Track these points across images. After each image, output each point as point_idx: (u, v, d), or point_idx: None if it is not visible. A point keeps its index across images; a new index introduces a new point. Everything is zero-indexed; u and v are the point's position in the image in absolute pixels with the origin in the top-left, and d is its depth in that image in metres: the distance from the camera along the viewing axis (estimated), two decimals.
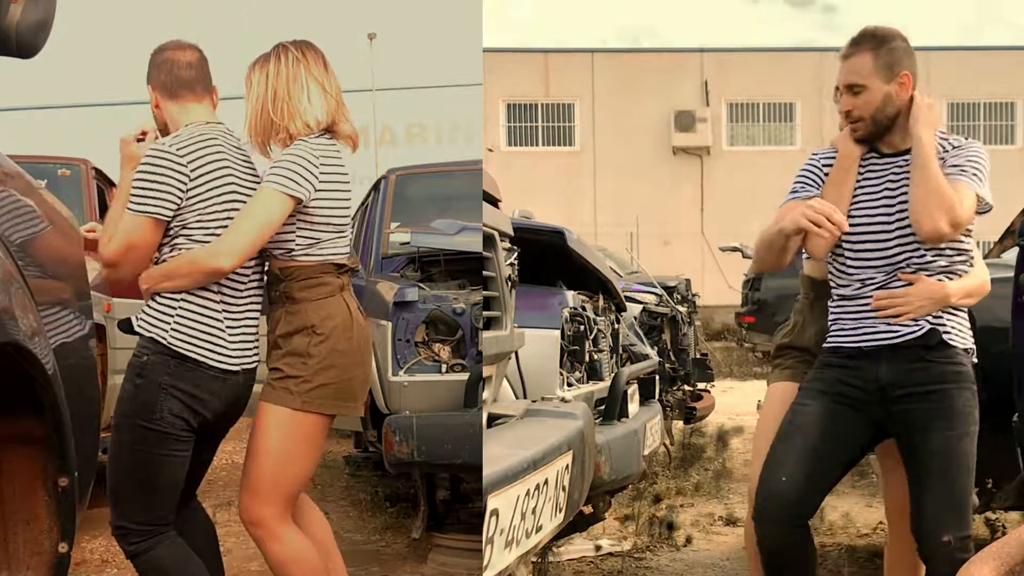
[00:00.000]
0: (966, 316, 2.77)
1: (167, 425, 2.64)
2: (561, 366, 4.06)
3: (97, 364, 2.60)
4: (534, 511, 2.49)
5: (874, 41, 2.73)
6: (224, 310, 2.74)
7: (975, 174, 2.70)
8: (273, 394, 2.75)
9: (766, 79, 23.68)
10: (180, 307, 2.68)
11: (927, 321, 2.69)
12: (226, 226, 2.71)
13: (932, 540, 2.62)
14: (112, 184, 6.63)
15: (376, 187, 5.63)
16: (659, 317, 7.03)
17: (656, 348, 6.39)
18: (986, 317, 3.63)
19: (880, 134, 2.77)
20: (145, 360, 2.65)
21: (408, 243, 4.96)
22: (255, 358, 2.85)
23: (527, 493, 2.41)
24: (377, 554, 4.67)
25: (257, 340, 2.86)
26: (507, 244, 3.38)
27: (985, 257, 5.64)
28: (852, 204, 2.77)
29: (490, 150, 21.63)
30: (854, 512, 5.47)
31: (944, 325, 2.71)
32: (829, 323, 2.85)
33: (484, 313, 3.26)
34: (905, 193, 2.72)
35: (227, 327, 2.72)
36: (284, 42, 2.87)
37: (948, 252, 2.72)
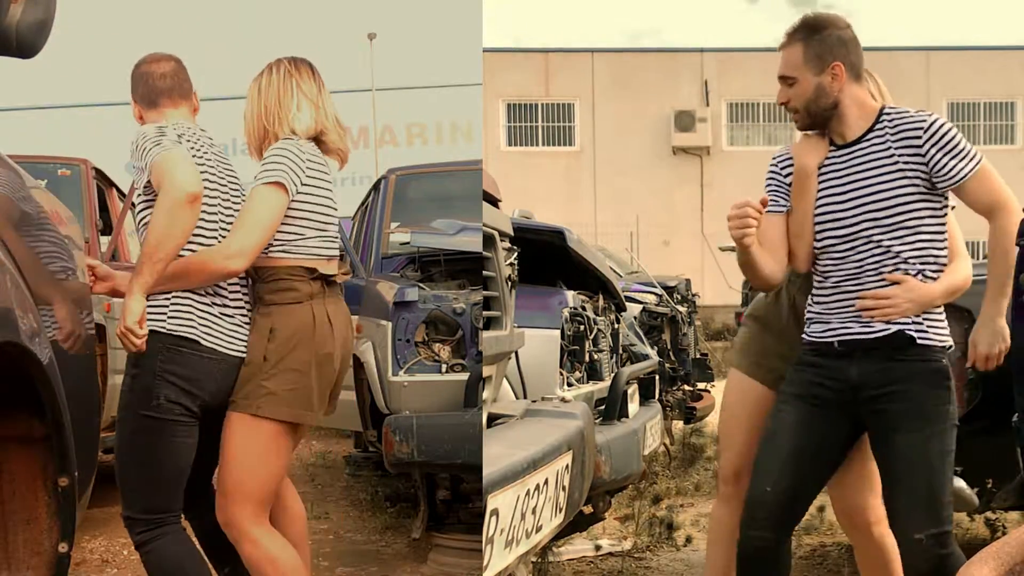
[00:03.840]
0: (943, 313, 2.74)
1: (165, 411, 2.68)
2: (561, 366, 4.06)
3: (97, 364, 2.60)
4: (534, 511, 2.49)
5: (805, 31, 2.71)
6: (212, 299, 2.79)
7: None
8: (235, 402, 2.77)
9: (766, 79, 23.58)
10: (174, 296, 2.73)
11: (898, 322, 2.66)
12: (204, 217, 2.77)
13: (905, 538, 2.63)
14: (112, 184, 6.62)
15: (376, 187, 5.63)
16: (659, 317, 7.03)
17: (656, 348, 6.39)
18: None
19: (820, 124, 2.74)
20: (140, 353, 2.68)
21: (408, 243, 4.96)
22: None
23: (527, 493, 2.41)
24: (377, 554, 4.67)
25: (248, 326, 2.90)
26: (507, 244, 3.38)
27: (985, 257, 5.65)
28: (816, 202, 2.76)
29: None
30: None
31: (919, 324, 2.67)
32: (806, 321, 2.83)
33: (484, 313, 3.26)
34: (856, 186, 2.69)
35: (219, 312, 2.78)
36: (281, 58, 3.00)
37: (918, 245, 2.68)
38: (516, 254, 3.45)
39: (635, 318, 6.30)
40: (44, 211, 2.28)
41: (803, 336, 2.84)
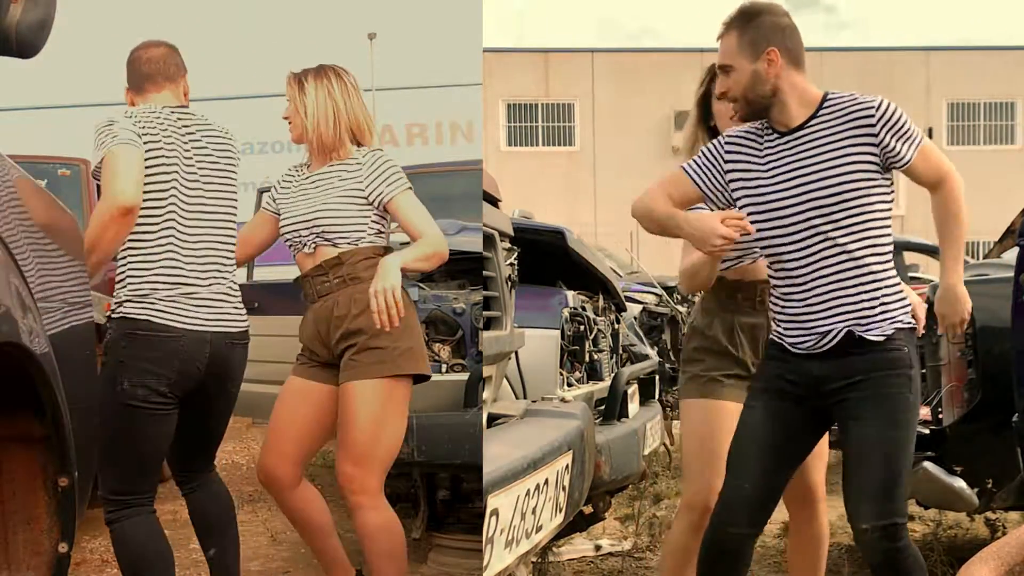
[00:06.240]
0: (899, 294, 2.66)
1: (127, 396, 2.75)
2: (561, 366, 4.07)
3: (97, 364, 2.60)
4: (534, 511, 2.49)
5: (741, 20, 2.67)
6: (176, 281, 2.85)
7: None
8: (360, 370, 2.90)
9: None
10: (127, 281, 2.83)
11: (845, 323, 2.61)
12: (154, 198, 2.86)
13: (854, 527, 2.62)
14: None
15: None
16: (659, 317, 7.04)
17: (656, 348, 6.39)
18: (986, 317, 3.63)
19: (760, 113, 2.69)
20: (107, 340, 2.82)
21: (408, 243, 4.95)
22: (232, 322, 2.96)
23: (527, 493, 2.41)
24: None
25: (236, 304, 2.98)
26: (507, 244, 3.38)
27: (985, 257, 5.66)
28: (758, 191, 2.68)
29: None
30: None
31: (870, 318, 2.62)
32: (771, 310, 2.79)
33: (484, 313, 3.26)
34: (800, 173, 2.63)
35: (181, 294, 2.84)
36: (336, 67, 3.13)
37: (864, 234, 2.62)
38: (516, 254, 3.45)
39: (635, 318, 6.31)
40: (44, 211, 2.28)
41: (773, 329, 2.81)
